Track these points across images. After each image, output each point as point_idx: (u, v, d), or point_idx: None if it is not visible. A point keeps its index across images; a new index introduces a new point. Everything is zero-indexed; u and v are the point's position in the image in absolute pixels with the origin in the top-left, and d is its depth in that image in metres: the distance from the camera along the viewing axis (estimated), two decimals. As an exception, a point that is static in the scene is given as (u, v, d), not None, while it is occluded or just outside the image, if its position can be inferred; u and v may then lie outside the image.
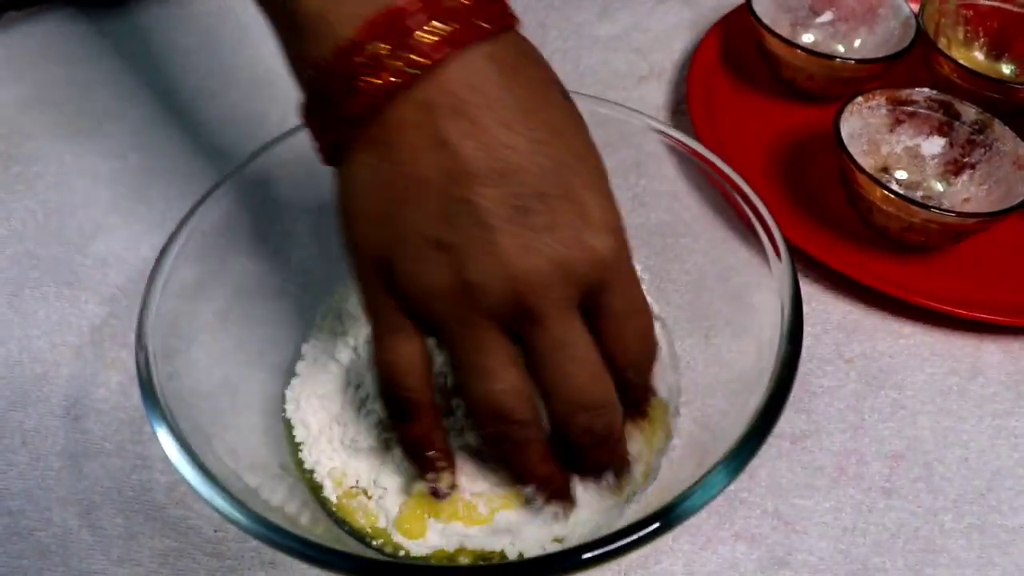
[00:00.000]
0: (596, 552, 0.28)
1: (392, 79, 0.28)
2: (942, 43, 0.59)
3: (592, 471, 0.34)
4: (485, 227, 0.28)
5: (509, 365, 0.30)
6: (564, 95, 0.31)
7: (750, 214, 0.37)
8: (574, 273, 0.29)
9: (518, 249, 0.28)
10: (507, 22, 0.30)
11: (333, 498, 0.37)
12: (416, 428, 0.33)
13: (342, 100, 0.29)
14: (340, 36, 0.28)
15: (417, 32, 0.28)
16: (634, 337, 0.32)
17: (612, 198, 0.30)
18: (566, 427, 0.31)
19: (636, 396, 0.34)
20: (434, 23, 0.28)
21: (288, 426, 0.40)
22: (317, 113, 0.30)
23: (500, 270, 0.28)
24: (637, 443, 0.36)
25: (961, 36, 0.61)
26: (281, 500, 0.36)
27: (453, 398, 0.36)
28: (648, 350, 0.33)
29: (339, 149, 0.30)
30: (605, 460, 0.34)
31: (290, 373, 0.41)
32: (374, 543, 0.36)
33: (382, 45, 0.28)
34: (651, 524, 0.29)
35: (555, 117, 0.30)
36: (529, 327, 0.29)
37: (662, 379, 0.38)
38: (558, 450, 0.33)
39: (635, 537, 0.28)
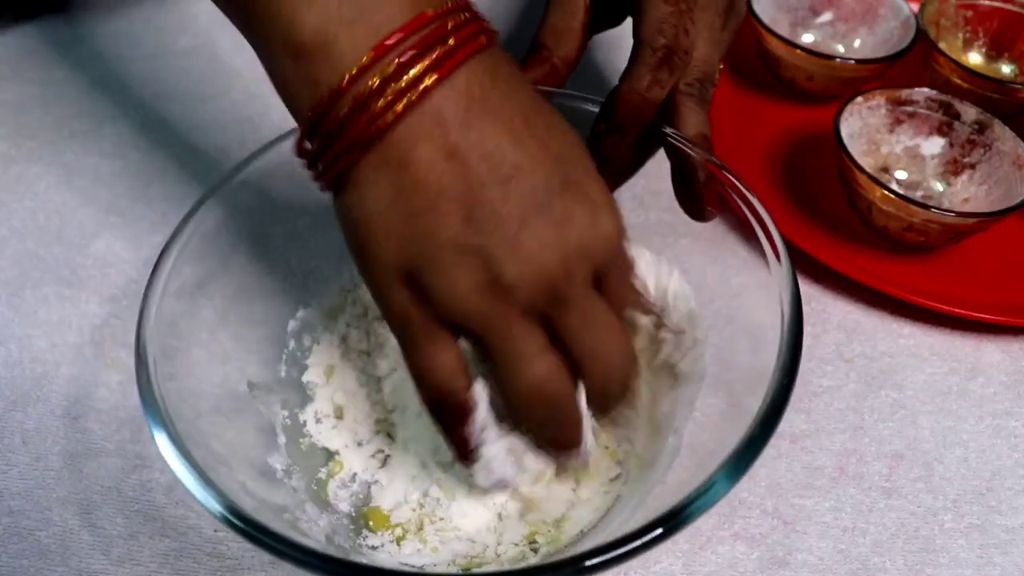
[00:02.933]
0: (599, 559, 0.28)
1: (402, 100, 0.29)
2: (942, 43, 0.59)
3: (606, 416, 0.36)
4: (508, 226, 0.30)
5: (545, 350, 0.32)
6: (546, 96, 0.33)
7: (749, 216, 0.37)
8: (593, 255, 0.31)
9: (543, 243, 0.30)
10: (492, 39, 0.31)
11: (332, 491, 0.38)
12: (468, 428, 0.34)
13: (352, 123, 0.29)
14: (351, 61, 0.29)
15: (419, 54, 0.29)
16: (632, 303, 0.35)
17: (604, 182, 0.33)
18: (604, 391, 0.33)
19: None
20: (433, 45, 0.29)
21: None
22: (320, 139, 0.30)
23: (530, 265, 0.30)
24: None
25: (961, 36, 0.61)
26: (280, 502, 0.36)
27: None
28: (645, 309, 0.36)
29: (343, 173, 0.31)
30: (623, 406, 0.36)
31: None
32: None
33: (387, 68, 0.29)
34: (654, 530, 0.29)
35: (548, 119, 0.32)
36: (560, 310, 0.31)
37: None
38: None
39: (637, 544, 0.28)
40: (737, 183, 0.38)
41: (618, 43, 0.40)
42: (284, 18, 0.30)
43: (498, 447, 0.34)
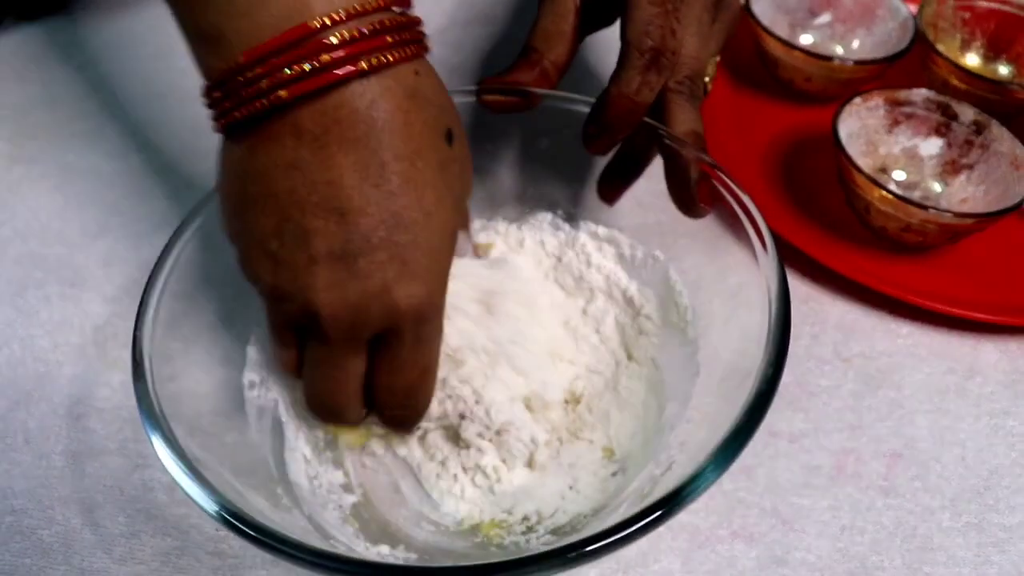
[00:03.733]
0: (593, 547, 0.28)
1: (266, 102, 0.30)
2: (940, 44, 0.59)
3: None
4: (308, 255, 0.31)
5: (293, 352, 0.35)
6: (450, 139, 0.34)
7: (737, 209, 0.38)
8: (367, 319, 0.32)
9: (327, 284, 0.31)
10: (416, 51, 0.32)
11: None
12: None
13: (250, 85, 0.30)
14: (252, 42, 0.30)
15: (325, 53, 0.30)
16: (401, 381, 0.35)
17: (442, 258, 0.33)
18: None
19: (390, 424, 0.38)
20: (343, 48, 0.30)
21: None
22: (227, 86, 0.31)
23: (305, 294, 0.32)
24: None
25: (959, 37, 0.62)
26: (280, 503, 0.36)
27: None
28: (407, 397, 0.36)
29: (229, 128, 0.32)
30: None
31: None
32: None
33: (290, 55, 0.30)
34: (645, 518, 0.29)
35: (419, 169, 0.32)
36: (313, 340, 0.34)
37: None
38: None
39: (626, 533, 0.28)
40: (727, 179, 0.38)
41: (611, 44, 0.40)
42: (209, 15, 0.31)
43: None
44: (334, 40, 0.30)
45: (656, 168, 0.41)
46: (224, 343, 0.40)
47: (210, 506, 0.30)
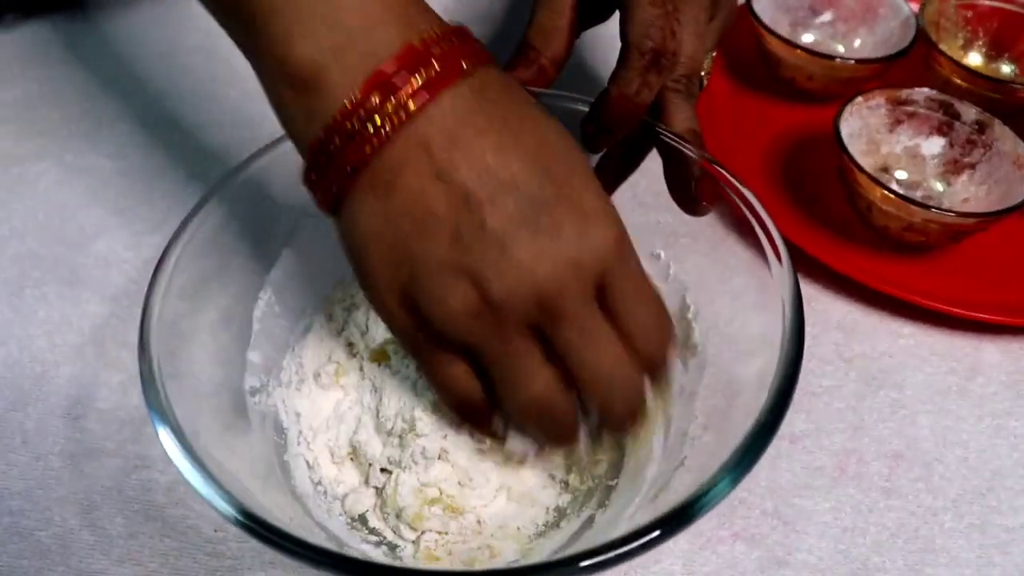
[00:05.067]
0: (597, 559, 0.28)
1: (387, 127, 0.30)
2: (942, 43, 0.59)
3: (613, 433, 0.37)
4: (497, 243, 0.30)
5: (543, 365, 0.32)
6: (542, 111, 0.33)
7: (749, 217, 0.37)
8: (585, 267, 0.30)
9: (532, 257, 0.30)
10: (482, 60, 0.32)
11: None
12: (493, 424, 0.35)
13: (344, 151, 0.30)
14: (344, 96, 0.30)
15: (404, 84, 0.30)
16: (646, 315, 0.33)
17: (602, 190, 0.32)
18: (603, 409, 0.33)
19: (654, 369, 0.35)
20: (418, 72, 0.30)
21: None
22: (320, 167, 0.31)
23: (520, 281, 0.30)
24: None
25: (961, 36, 0.61)
26: (281, 501, 0.36)
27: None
28: (660, 326, 0.34)
29: (339, 198, 0.32)
30: (628, 429, 0.35)
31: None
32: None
33: (375, 99, 0.30)
34: (653, 531, 0.29)
35: (539, 132, 0.32)
36: (554, 325, 0.31)
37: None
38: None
39: (637, 544, 0.28)
40: (736, 183, 0.38)
41: (609, 42, 0.40)
42: (279, 45, 0.31)
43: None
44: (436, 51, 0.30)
45: (658, 168, 0.41)
46: (226, 343, 0.39)
47: (219, 503, 0.30)
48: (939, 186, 0.53)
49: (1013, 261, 0.52)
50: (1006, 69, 0.61)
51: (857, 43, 0.62)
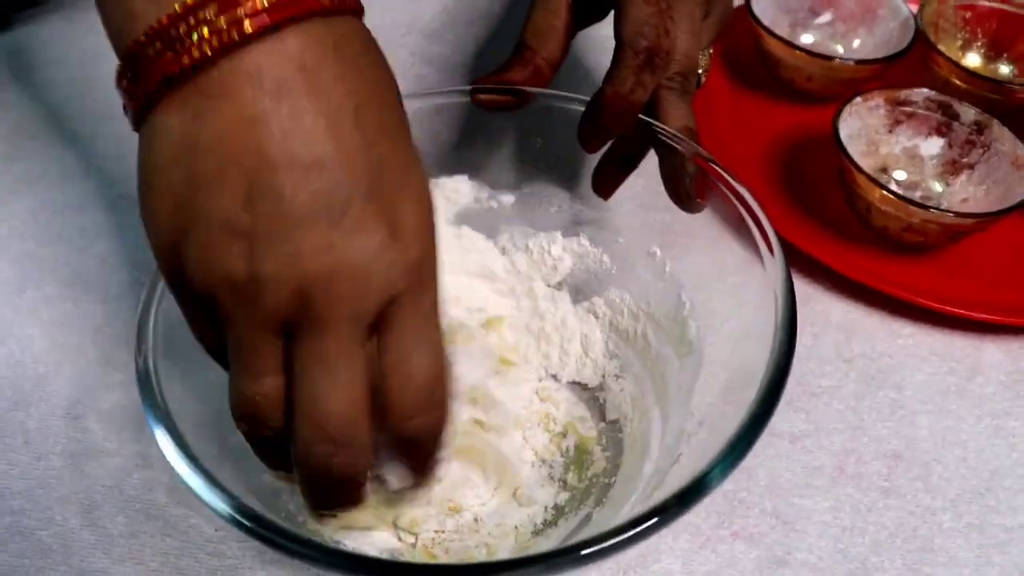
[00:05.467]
0: (593, 548, 0.28)
1: (214, 41, 0.25)
2: (941, 44, 0.59)
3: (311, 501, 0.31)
4: (287, 219, 0.26)
5: (275, 371, 0.28)
6: (399, 99, 0.30)
7: (740, 209, 0.38)
8: (370, 283, 0.27)
9: (316, 249, 0.26)
10: (350, 4, 0.28)
11: None
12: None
13: (161, 58, 0.26)
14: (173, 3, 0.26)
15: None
16: (418, 367, 0.29)
17: (430, 213, 0.29)
18: (302, 454, 0.28)
19: (417, 456, 0.31)
20: None
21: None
22: (133, 70, 0.27)
23: (293, 266, 0.26)
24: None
25: (960, 37, 0.61)
26: (281, 500, 0.36)
27: None
28: (427, 388, 0.29)
29: (147, 110, 0.28)
30: (334, 500, 0.31)
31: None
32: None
33: (211, 10, 0.26)
34: (647, 521, 0.29)
35: (386, 120, 0.28)
36: (303, 332, 0.27)
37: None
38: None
39: (630, 534, 0.28)
40: (729, 177, 0.38)
41: (605, 42, 0.40)
42: None
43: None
44: None
45: (653, 167, 0.41)
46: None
47: (216, 503, 0.30)
48: (938, 186, 0.53)
49: (1012, 261, 0.52)
50: (1005, 70, 0.61)
51: (856, 44, 0.62)
